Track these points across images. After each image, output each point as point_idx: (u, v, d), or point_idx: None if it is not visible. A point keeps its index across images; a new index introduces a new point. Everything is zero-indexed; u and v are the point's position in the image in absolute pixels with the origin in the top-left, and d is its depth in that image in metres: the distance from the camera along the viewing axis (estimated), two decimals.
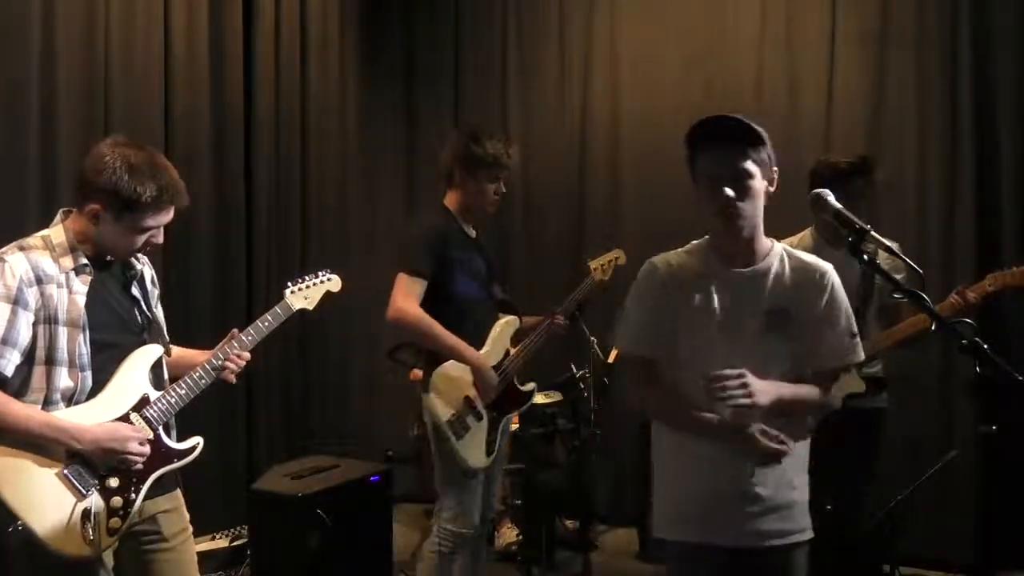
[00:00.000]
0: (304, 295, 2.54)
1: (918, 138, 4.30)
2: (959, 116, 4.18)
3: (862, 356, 2.13)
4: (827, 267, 2.12)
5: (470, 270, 3.16)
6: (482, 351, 3.14)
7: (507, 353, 3.24)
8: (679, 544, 2.13)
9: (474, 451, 3.08)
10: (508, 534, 4.42)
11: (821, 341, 2.09)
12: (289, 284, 2.55)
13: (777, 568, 2.10)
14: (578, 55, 5.24)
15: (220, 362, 2.30)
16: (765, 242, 2.12)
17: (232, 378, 2.35)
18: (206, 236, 4.34)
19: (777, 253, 2.12)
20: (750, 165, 2.01)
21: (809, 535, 2.12)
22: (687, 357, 2.10)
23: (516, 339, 3.33)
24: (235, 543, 4.05)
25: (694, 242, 2.19)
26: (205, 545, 4.02)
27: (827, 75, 4.51)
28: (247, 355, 2.37)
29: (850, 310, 2.11)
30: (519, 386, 3.29)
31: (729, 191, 1.99)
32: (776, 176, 2.09)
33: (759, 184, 2.02)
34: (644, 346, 2.16)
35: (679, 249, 2.19)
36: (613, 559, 4.47)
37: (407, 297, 2.99)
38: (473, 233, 3.28)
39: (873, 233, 1.87)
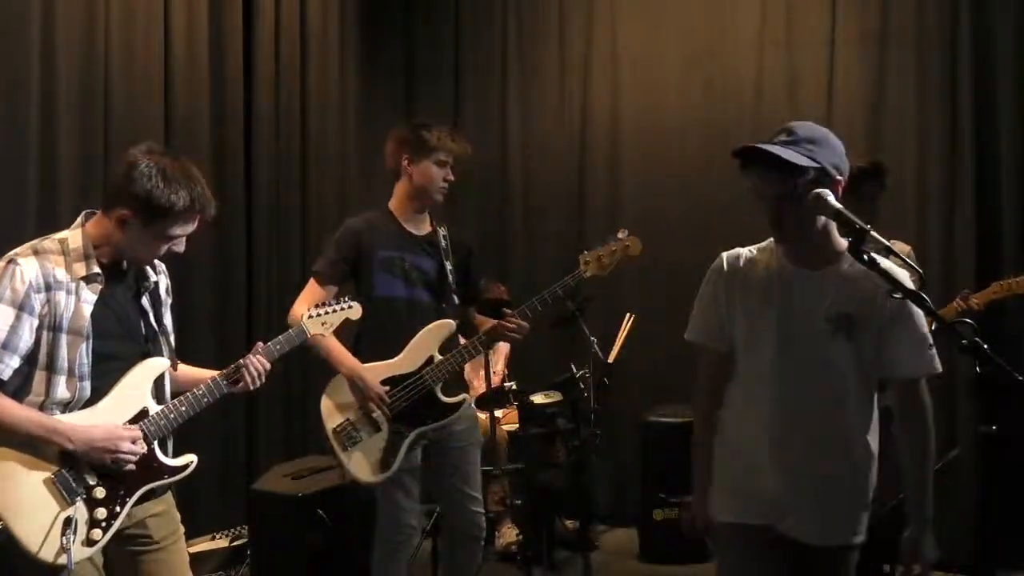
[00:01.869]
0: (322, 320, 2.53)
1: (918, 138, 4.30)
2: (959, 116, 4.18)
3: (938, 368, 2.06)
4: (900, 274, 2.00)
5: (400, 269, 3.04)
6: (397, 357, 2.99)
7: (430, 360, 3.01)
8: (733, 526, 2.14)
9: (361, 464, 2.94)
10: (508, 534, 4.42)
11: (891, 348, 2.04)
12: (306, 306, 2.55)
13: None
14: (578, 55, 5.24)
15: (226, 381, 2.29)
16: (838, 244, 2.07)
17: (249, 382, 2.32)
18: (206, 236, 4.33)
19: (850, 258, 2.04)
20: (792, 187, 1.98)
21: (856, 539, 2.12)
22: (741, 350, 2.12)
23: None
24: (235, 543, 4.05)
25: (768, 241, 2.18)
26: (205, 545, 4.02)
27: (827, 75, 4.52)
28: (265, 362, 2.35)
29: (924, 319, 2.03)
30: (442, 396, 3.03)
31: (771, 210, 2.02)
32: (841, 184, 2.05)
33: (809, 200, 1.96)
34: (708, 337, 2.18)
35: (755, 245, 2.20)
36: (613, 559, 4.47)
37: (303, 299, 2.97)
38: (427, 230, 3.15)
39: (873, 233, 1.87)
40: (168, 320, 2.34)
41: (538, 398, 4.38)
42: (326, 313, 2.55)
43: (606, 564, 4.35)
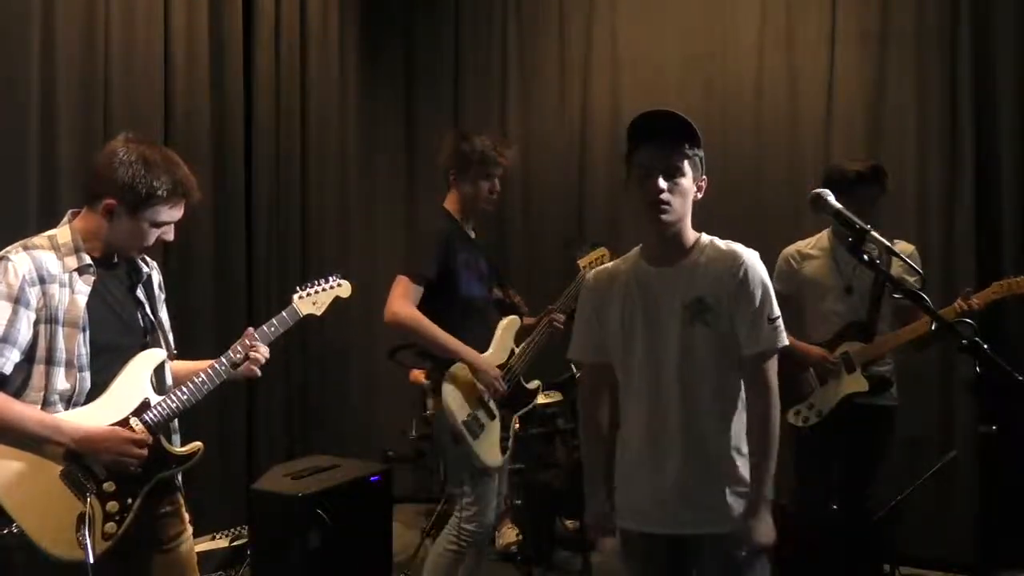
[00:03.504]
0: (313, 300, 2.52)
1: (918, 138, 4.30)
2: (959, 116, 4.17)
3: (783, 342, 2.11)
4: (744, 253, 2.13)
5: (476, 271, 3.18)
6: (488, 351, 3.17)
7: (512, 352, 3.26)
8: (624, 531, 2.25)
9: (490, 450, 3.11)
10: (508, 534, 4.42)
11: (738, 327, 2.10)
12: (298, 288, 2.53)
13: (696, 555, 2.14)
14: (578, 55, 5.24)
15: (225, 366, 2.29)
16: (690, 238, 2.17)
17: (256, 370, 2.35)
18: (206, 236, 4.34)
19: (702, 247, 2.17)
20: (683, 163, 2.09)
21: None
22: (620, 360, 2.20)
23: (518, 339, 3.34)
24: (235, 543, 4.06)
25: (633, 249, 2.25)
26: (205, 545, 4.02)
27: (827, 75, 4.51)
28: (265, 348, 2.37)
29: (770, 296, 2.11)
30: (525, 384, 3.33)
31: (661, 182, 2.05)
32: (704, 185, 2.17)
33: (688, 184, 2.10)
34: (588, 352, 2.27)
35: (619, 258, 2.28)
36: (613, 559, 4.46)
37: (403, 300, 3.01)
38: (473, 234, 3.29)
39: (874, 233, 1.87)
40: (164, 314, 2.34)
41: (538, 398, 4.38)
42: (316, 292, 2.54)
43: (606, 564, 4.34)
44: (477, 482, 3.10)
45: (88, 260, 2.11)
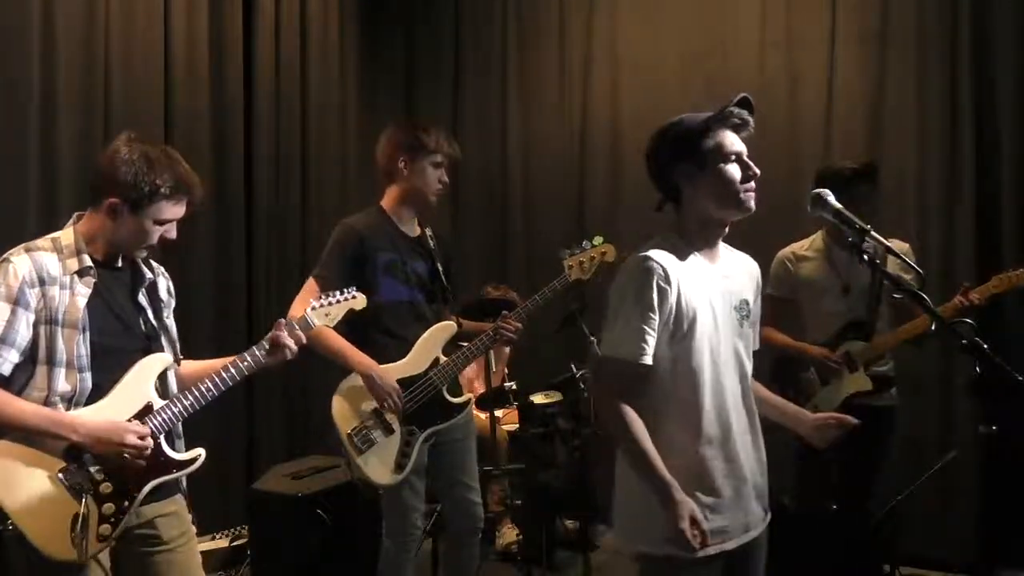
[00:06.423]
0: (325, 311, 2.49)
1: (918, 138, 4.30)
2: (959, 116, 4.17)
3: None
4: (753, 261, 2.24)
5: (401, 272, 3.05)
6: (405, 359, 3.01)
7: (436, 362, 3.05)
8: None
9: (379, 467, 2.93)
10: (508, 534, 4.42)
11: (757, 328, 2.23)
12: (311, 300, 2.52)
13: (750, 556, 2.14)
14: (578, 55, 5.24)
15: (232, 374, 2.26)
16: None
17: (287, 353, 2.32)
18: (206, 236, 4.35)
19: (723, 246, 2.18)
20: None
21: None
22: (686, 359, 1.98)
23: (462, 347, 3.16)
24: (235, 543, 4.06)
25: (660, 237, 2.15)
26: (205, 545, 4.02)
27: (827, 75, 4.51)
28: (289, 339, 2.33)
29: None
30: (449, 397, 3.08)
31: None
32: None
33: None
34: (647, 353, 1.96)
35: (652, 245, 2.12)
36: (613, 559, 4.47)
37: (299, 301, 2.94)
38: (416, 232, 3.16)
39: (873, 233, 1.87)
40: (170, 320, 2.34)
41: (538, 398, 4.39)
42: (329, 304, 2.51)
43: (606, 564, 4.35)
44: (388, 494, 3.01)
45: (89, 262, 2.12)
